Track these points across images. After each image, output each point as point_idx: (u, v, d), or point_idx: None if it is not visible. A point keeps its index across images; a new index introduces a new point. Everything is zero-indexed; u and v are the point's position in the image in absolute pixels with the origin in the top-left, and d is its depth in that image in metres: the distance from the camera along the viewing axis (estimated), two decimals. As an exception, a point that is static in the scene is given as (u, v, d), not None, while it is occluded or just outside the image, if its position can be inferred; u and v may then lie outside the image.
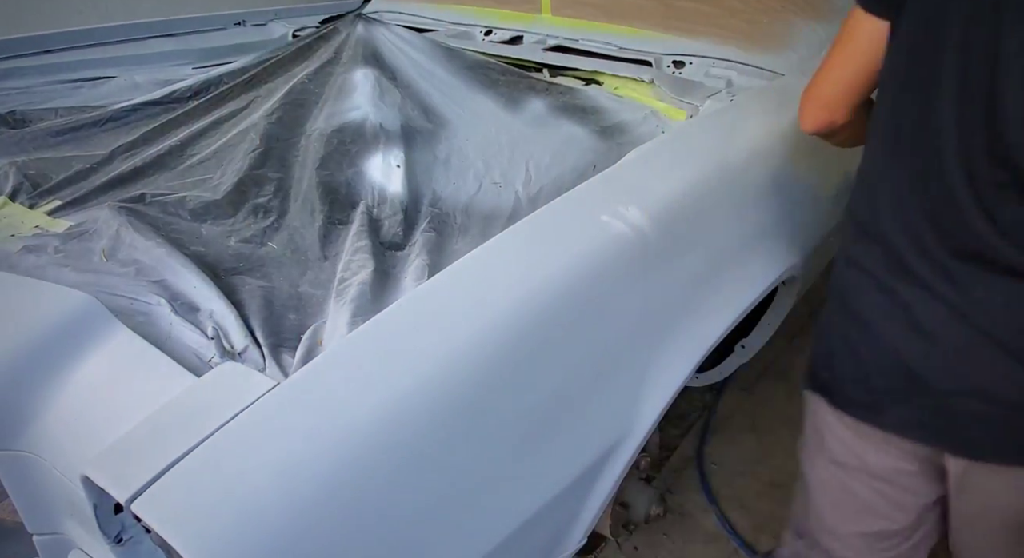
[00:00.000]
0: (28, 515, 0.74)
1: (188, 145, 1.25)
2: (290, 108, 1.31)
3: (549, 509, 0.75)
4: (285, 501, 0.54)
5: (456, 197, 1.13)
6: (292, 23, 2.00)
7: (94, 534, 0.63)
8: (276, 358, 0.77)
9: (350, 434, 0.58)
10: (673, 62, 1.48)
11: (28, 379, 0.68)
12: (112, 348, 0.71)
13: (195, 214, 1.02)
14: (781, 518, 1.64)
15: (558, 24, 1.67)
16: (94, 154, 1.21)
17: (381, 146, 1.17)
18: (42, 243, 0.93)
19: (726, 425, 1.84)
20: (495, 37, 1.72)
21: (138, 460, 0.55)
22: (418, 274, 0.89)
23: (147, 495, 0.52)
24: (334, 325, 0.79)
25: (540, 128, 1.29)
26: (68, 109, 1.43)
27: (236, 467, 0.54)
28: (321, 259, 0.96)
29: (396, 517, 0.61)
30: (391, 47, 1.52)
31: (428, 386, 0.63)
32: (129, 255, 0.90)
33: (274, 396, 0.59)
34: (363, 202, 1.07)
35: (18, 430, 0.68)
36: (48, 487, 0.69)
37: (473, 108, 1.36)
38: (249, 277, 0.90)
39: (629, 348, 0.84)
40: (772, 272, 1.06)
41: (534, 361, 0.72)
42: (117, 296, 0.82)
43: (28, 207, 1.04)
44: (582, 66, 1.52)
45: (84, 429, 0.66)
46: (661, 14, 1.57)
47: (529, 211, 0.86)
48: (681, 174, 0.95)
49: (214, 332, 0.78)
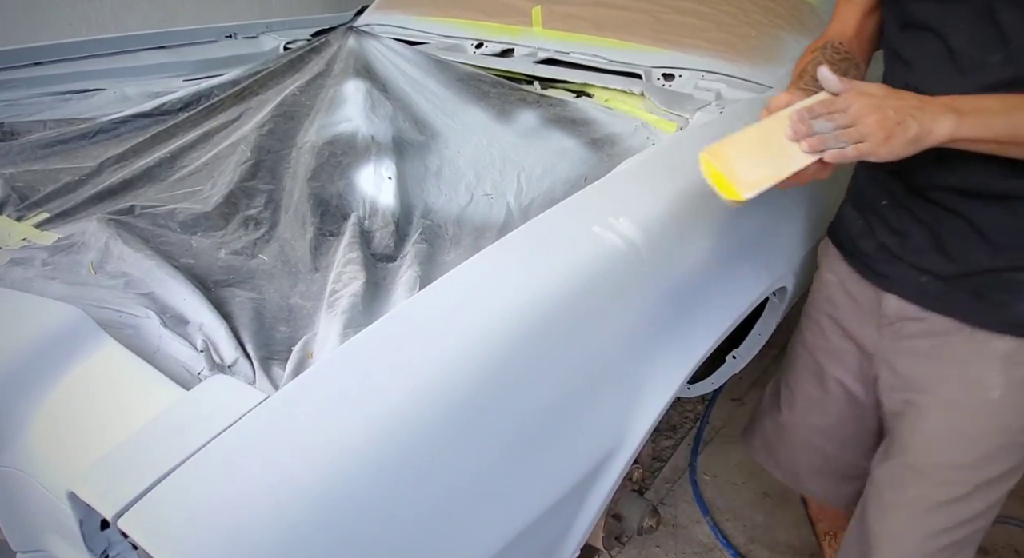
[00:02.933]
0: (12, 532, 0.73)
1: (178, 157, 1.24)
2: (281, 120, 1.31)
3: (542, 522, 0.75)
4: (275, 516, 0.53)
5: (447, 209, 1.13)
6: (283, 36, 2.00)
7: (80, 551, 0.62)
8: (266, 371, 0.76)
9: (340, 447, 0.58)
10: (663, 75, 1.50)
11: (13, 392, 0.68)
12: (100, 361, 0.70)
13: (185, 226, 1.02)
14: (774, 528, 1.64)
15: (549, 37, 1.68)
16: (83, 166, 1.20)
17: (372, 158, 1.17)
18: (29, 256, 0.92)
19: (718, 436, 1.85)
20: (486, 50, 1.73)
21: (125, 475, 0.54)
22: (409, 286, 0.89)
23: (134, 511, 0.51)
24: (325, 337, 0.79)
25: (531, 140, 1.29)
26: (57, 121, 1.42)
27: (225, 482, 0.54)
28: (312, 271, 0.96)
29: (387, 532, 0.60)
30: (382, 59, 1.53)
31: (419, 398, 0.63)
32: (118, 267, 0.90)
33: (264, 409, 0.59)
34: (354, 214, 1.07)
35: (2, 445, 0.67)
36: (33, 503, 0.68)
37: (464, 120, 1.36)
38: (239, 289, 0.90)
39: (621, 359, 0.84)
40: (763, 283, 1.06)
41: (525, 373, 0.72)
42: (105, 309, 0.81)
43: (16, 220, 1.03)
44: (573, 78, 1.53)
45: (70, 444, 0.65)
46: (651, 27, 1.59)
47: (521, 222, 0.87)
48: (671, 185, 0.95)
49: (203, 345, 0.77)
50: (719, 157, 0.76)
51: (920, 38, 0.86)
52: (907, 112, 0.72)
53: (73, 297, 0.81)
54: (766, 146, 0.76)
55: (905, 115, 0.71)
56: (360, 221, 1.05)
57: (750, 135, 0.78)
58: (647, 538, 1.50)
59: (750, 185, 0.75)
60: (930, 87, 0.77)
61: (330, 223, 1.05)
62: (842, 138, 0.73)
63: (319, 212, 1.06)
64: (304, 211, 1.06)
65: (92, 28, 2.73)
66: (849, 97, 0.74)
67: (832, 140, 0.73)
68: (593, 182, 0.96)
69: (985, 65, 0.79)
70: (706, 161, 0.77)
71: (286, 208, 1.09)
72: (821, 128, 0.73)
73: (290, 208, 1.08)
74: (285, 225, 1.05)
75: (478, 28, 1.78)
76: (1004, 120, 0.73)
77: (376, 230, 1.05)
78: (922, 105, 0.73)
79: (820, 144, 0.73)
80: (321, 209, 1.07)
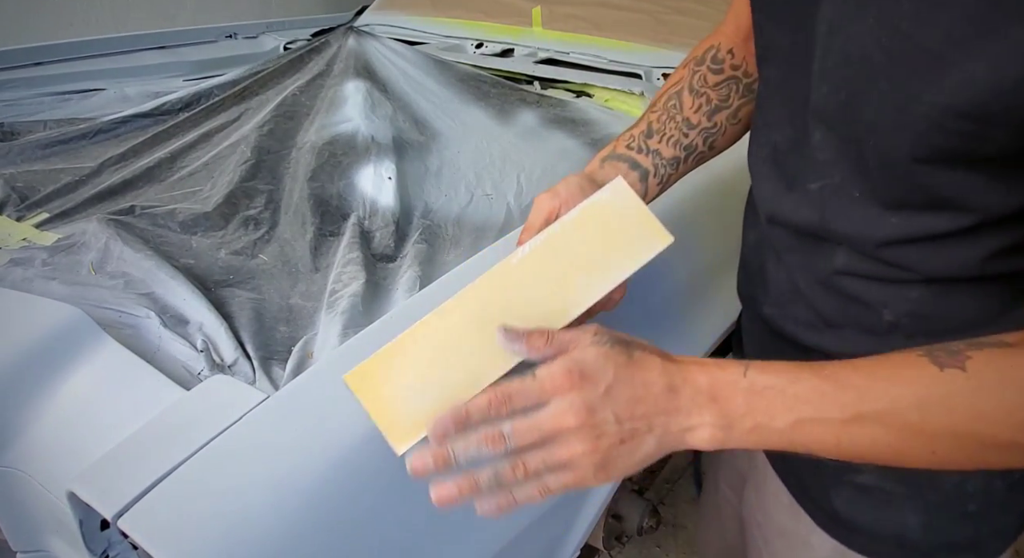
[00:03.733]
0: (12, 533, 0.73)
1: (178, 157, 1.24)
2: (281, 120, 1.31)
3: (542, 522, 0.75)
4: (275, 516, 0.53)
5: (448, 209, 1.13)
6: (283, 36, 2.00)
7: (80, 551, 0.62)
8: (266, 371, 0.76)
9: (341, 448, 0.58)
10: (663, 74, 1.50)
11: (13, 393, 0.68)
12: (100, 361, 0.70)
13: (185, 226, 1.02)
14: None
15: (549, 37, 1.68)
16: (83, 166, 1.20)
17: (372, 158, 1.17)
18: (30, 256, 0.92)
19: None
20: (486, 50, 1.73)
21: (125, 475, 0.54)
22: (409, 286, 0.89)
23: (134, 511, 0.51)
24: (325, 337, 0.79)
25: (531, 140, 1.29)
26: (57, 121, 1.42)
27: (225, 482, 0.54)
28: (312, 271, 0.96)
29: (388, 532, 0.60)
30: (382, 60, 1.53)
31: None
32: (118, 267, 0.90)
33: (264, 409, 0.59)
34: (354, 214, 1.07)
35: (2, 445, 0.67)
36: (33, 503, 0.68)
37: (464, 120, 1.36)
38: (239, 289, 0.90)
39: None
40: (763, 283, 1.06)
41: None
42: (105, 309, 0.81)
43: (16, 220, 1.03)
44: (573, 79, 1.53)
45: (70, 444, 0.65)
46: (651, 27, 1.59)
47: (521, 222, 0.87)
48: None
49: (203, 345, 0.77)
50: (366, 382, 0.48)
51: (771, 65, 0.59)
52: (642, 419, 0.44)
53: (73, 297, 0.81)
54: (437, 352, 0.48)
55: (638, 424, 0.44)
56: (360, 221, 1.05)
57: (403, 336, 0.49)
58: (647, 538, 1.50)
59: (402, 433, 0.47)
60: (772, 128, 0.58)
61: (330, 223, 1.05)
62: (515, 475, 0.44)
63: (319, 212, 1.06)
64: (304, 211, 1.06)
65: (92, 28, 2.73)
66: (539, 390, 0.45)
67: (490, 480, 0.44)
68: (593, 182, 0.96)
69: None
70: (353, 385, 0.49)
71: (286, 208, 1.09)
72: (473, 458, 0.43)
73: (290, 208, 1.08)
74: (285, 225, 1.05)
75: (478, 28, 1.78)
76: (848, 423, 0.42)
77: (376, 230, 1.05)
78: (671, 399, 0.45)
79: (471, 489, 0.44)
80: (321, 209, 1.07)
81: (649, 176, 0.69)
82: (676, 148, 0.70)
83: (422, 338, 0.49)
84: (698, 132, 0.70)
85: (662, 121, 0.71)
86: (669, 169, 0.70)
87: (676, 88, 0.72)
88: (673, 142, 0.70)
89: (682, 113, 0.70)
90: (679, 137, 0.70)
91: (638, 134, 0.71)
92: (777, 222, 0.60)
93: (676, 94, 0.71)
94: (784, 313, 0.63)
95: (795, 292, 0.61)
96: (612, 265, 0.53)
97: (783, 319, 0.63)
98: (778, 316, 0.64)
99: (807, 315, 0.60)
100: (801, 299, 0.60)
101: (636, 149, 0.70)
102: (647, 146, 0.70)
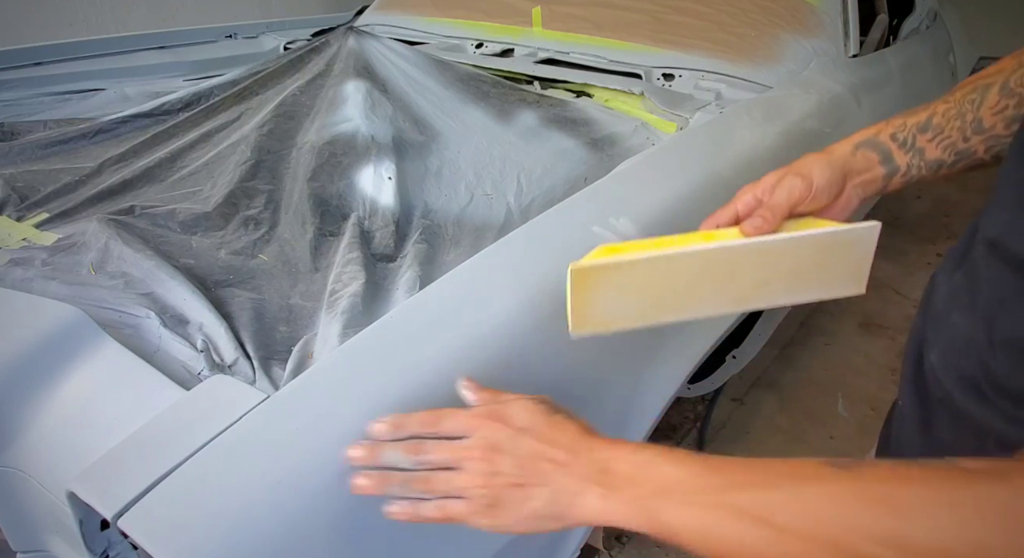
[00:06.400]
0: (12, 533, 0.73)
1: (178, 157, 1.24)
2: (281, 120, 1.31)
3: (542, 522, 0.74)
4: (275, 516, 0.53)
5: (447, 209, 1.13)
6: (283, 36, 2.00)
7: (80, 551, 0.62)
8: (266, 371, 0.76)
9: (341, 447, 0.58)
10: (663, 75, 1.50)
11: (13, 393, 0.68)
12: (100, 361, 0.70)
13: (185, 226, 1.02)
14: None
15: (549, 37, 1.68)
16: (83, 166, 1.20)
17: (372, 158, 1.17)
18: (30, 256, 0.92)
19: (718, 436, 1.84)
20: (486, 50, 1.73)
21: (125, 475, 0.54)
22: (409, 286, 0.89)
23: (134, 511, 0.51)
24: (325, 337, 0.79)
25: (531, 140, 1.29)
26: (57, 121, 1.42)
27: (225, 482, 0.54)
28: (312, 271, 0.96)
29: (388, 532, 0.60)
30: (382, 60, 1.53)
31: (419, 398, 0.62)
32: (118, 267, 0.90)
33: (264, 409, 0.59)
34: (354, 214, 1.06)
35: (2, 445, 0.67)
36: (33, 504, 0.68)
37: (464, 120, 1.36)
38: (239, 289, 0.90)
39: (620, 359, 0.84)
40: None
41: (526, 373, 0.72)
42: (105, 309, 0.81)
43: (16, 220, 1.03)
44: (573, 79, 1.53)
45: (70, 444, 0.65)
46: (651, 28, 1.59)
47: (521, 222, 0.86)
48: (671, 185, 0.95)
49: (203, 345, 0.77)
50: (582, 278, 0.56)
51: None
52: (538, 472, 0.47)
53: (73, 297, 0.81)
54: (649, 281, 0.56)
55: (534, 475, 0.47)
56: (360, 221, 1.05)
57: (636, 260, 0.56)
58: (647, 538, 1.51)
59: (586, 322, 0.58)
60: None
61: (330, 223, 1.05)
62: (417, 487, 0.49)
63: (319, 212, 1.06)
64: (304, 211, 1.06)
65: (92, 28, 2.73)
66: (464, 421, 0.50)
67: (402, 487, 0.50)
68: (593, 182, 0.96)
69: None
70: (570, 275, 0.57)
71: (286, 208, 1.09)
72: (392, 460, 0.50)
73: (290, 208, 1.08)
74: (285, 225, 1.05)
75: (478, 28, 1.79)
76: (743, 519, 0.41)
77: (376, 230, 1.05)
78: (570, 461, 0.47)
79: (383, 485, 0.50)
80: (321, 209, 1.07)
81: (896, 175, 0.62)
82: (946, 152, 0.61)
83: (643, 268, 0.56)
84: (985, 138, 0.60)
85: (948, 116, 0.61)
86: (923, 171, 0.63)
87: (988, 80, 0.60)
88: (946, 144, 0.61)
89: (978, 111, 0.60)
90: (956, 139, 0.61)
91: (912, 124, 0.62)
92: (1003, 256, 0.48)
93: (984, 88, 0.60)
94: (947, 364, 0.53)
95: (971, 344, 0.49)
96: (811, 288, 0.57)
97: (946, 370, 0.53)
98: (941, 367, 0.54)
99: (974, 372, 0.49)
100: (975, 354, 0.49)
101: (899, 142, 0.62)
102: (913, 142, 0.62)
